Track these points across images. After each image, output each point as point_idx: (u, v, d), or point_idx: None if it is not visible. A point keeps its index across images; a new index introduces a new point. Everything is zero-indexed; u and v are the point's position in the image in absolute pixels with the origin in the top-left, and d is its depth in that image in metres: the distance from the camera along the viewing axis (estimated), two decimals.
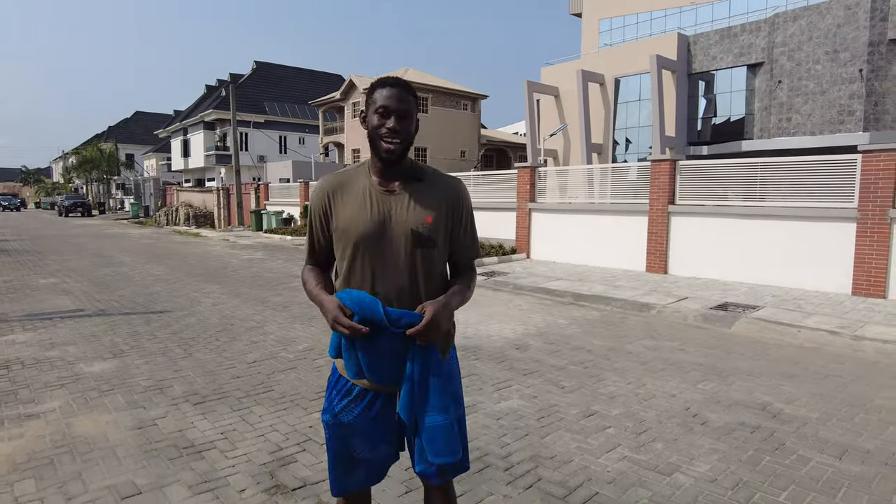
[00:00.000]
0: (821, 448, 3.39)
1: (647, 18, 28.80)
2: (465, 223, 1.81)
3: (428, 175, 1.77)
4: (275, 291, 8.87)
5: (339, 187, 1.75)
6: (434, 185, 1.76)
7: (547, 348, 5.63)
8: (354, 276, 1.71)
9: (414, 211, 1.69)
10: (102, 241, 18.61)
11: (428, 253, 1.71)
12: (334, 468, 1.84)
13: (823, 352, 5.62)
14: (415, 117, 1.70)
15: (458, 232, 1.79)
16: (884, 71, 19.73)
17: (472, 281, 1.84)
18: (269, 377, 4.68)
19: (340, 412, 1.79)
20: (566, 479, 2.98)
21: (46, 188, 72.79)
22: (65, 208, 41.51)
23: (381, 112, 1.65)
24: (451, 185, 1.79)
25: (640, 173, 11.30)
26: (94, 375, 4.71)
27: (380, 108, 1.65)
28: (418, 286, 1.70)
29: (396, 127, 1.64)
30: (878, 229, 7.83)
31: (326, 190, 1.76)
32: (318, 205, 1.77)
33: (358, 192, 1.72)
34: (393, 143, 1.65)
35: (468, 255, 1.84)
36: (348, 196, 1.72)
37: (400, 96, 1.65)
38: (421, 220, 1.69)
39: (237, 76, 48.82)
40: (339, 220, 1.71)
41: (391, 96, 1.65)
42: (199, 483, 2.94)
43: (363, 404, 1.77)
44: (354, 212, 1.69)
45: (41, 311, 7.34)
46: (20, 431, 3.59)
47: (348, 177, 1.77)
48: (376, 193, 1.71)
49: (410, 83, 1.73)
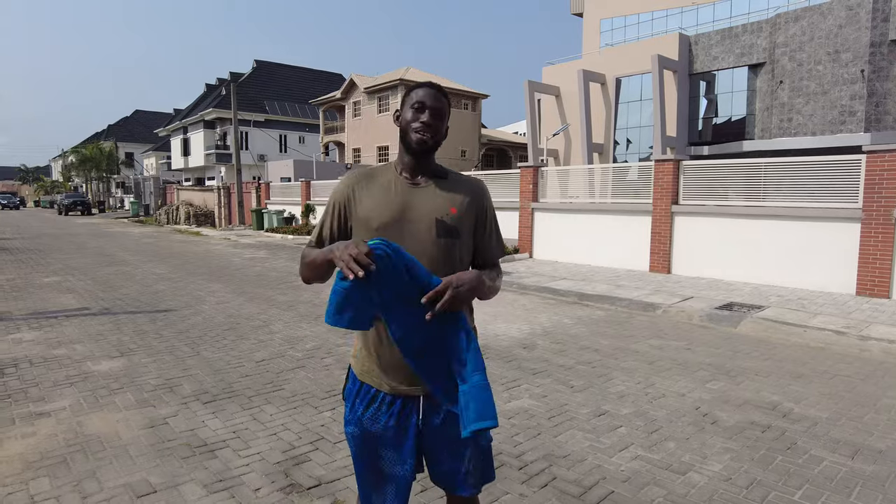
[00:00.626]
0: (833, 448, 3.39)
1: (648, 18, 28.82)
2: (490, 222, 1.81)
3: (452, 174, 1.80)
4: (279, 290, 8.87)
5: (366, 179, 1.75)
6: (458, 182, 1.78)
7: (554, 348, 5.63)
8: None
9: (438, 201, 1.70)
10: (103, 240, 18.59)
11: (451, 244, 1.69)
12: (364, 484, 1.75)
13: (830, 352, 5.63)
14: (446, 120, 1.72)
15: (482, 231, 1.79)
16: (885, 71, 19.76)
17: (499, 276, 1.83)
18: (278, 376, 4.68)
19: (367, 422, 1.71)
20: (581, 478, 2.99)
21: (46, 187, 72.72)
22: (64, 207, 41.47)
23: (417, 107, 1.68)
24: (475, 183, 1.81)
25: (641, 173, 11.31)
26: (102, 374, 4.71)
27: (416, 103, 1.68)
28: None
29: (430, 121, 1.67)
30: (883, 230, 7.83)
31: (352, 182, 1.76)
32: (342, 194, 1.75)
33: (383, 185, 1.73)
34: (424, 135, 1.67)
35: (493, 255, 1.84)
36: (373, 188, 1.73)
37: (436, 96, 1.70)
38: (445, 209, 1.70)
39: (237, 75, 48.80)
40: (361, 210, 1.71)
41: (428, 94, 1.69)
42: (214, 482, 2.94)
43: (390, 412, 1.70)
44: (377, 201, 1.70)
45: (46, 309, 7.33)
46: (32, 430, 3.59)
47: (376, 171, 1.78)
48: (401, 185, 1.72)
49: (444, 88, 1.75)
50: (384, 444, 1.71)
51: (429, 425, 1.71)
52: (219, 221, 27.34)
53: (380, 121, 35.99)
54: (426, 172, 1.74)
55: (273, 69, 50.76)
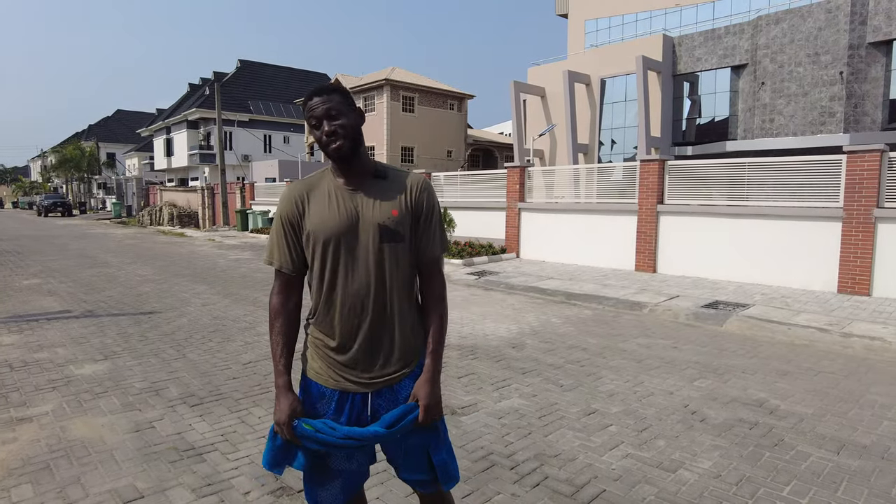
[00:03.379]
0: (819, 443, 3.44)
1: (632, 20, 29.06)
2: (431, 215, 1.77)
3: (392, 172, 1.78)
4: (265, 292, 8.78)
5: (307, 190, 1.74)
6: (398, 180, 1.76)
7: (543, 347, 5.64)
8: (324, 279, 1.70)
9: (380, 206, 1.70)
10: (85, 242, 18.29)
11: (394, 248, 1.70)
12: (310, 480, 1.79)
13: (814, 349, 5.71)
14: (349, 112, 1.68)
15: (423, 225, 1.76)
16: (863, 73, 20.12)
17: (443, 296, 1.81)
18: (265, 378, 4.62)
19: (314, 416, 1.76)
20: (572, 477, 2.99)
21: (24, 187, 71.33)
22: (44, 208, 40.71)
23: (315, 123, 1.67)
24: (414, 179, 1.78)
25: (626, 173, 11.39)
26: (86, 378, 4.62)
27: (311, 119, 1.67)
28: (385, 285, 1.70)
29: (331, 129, 1.65)
30: (863, 228, 7.97)
31: (295, 196, 1.73)
32: (288, 210, 1.73)
33: (324, 194, 1.72)
34: (336, 142, 1.65)
35: (433, 252, 1.78)
36: (316, 199, 1.72)
37: (323, 101, 1.66)
38: (387, 213, 1.70)
39: (221, 74, 48.30)
40: (309, 223, 1.70)
41: (314, 106, 1.66)
42: (203, 486, 2.90)
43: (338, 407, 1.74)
44: (323, 213, 1.69)
45: (26, 312, 7.19)
46: (13, 435, 3.51)
47: (313, 182, 1.76)
48: (342, 192, 1.71)
49: (329, 84, 1.72)
50: None
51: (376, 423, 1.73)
52: (203, 222, 27.04)
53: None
54: (364, 174, 1.73)
55: (257, 69, 50.32)
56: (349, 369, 1.73)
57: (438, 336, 1.78)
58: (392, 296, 1.71)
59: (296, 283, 1.77)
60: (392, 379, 1.75)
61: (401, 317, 1.74)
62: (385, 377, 1.75)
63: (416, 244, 1.76)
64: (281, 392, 1.73)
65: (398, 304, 1.73)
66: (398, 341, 1.75)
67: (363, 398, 1.75)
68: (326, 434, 1.65)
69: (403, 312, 1.75)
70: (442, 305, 1.81)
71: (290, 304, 1.78)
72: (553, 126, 26.11)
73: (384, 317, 1.72)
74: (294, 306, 1.79)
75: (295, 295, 1.79)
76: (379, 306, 1.70)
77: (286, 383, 1.74)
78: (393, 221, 1.69)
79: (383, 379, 1.75)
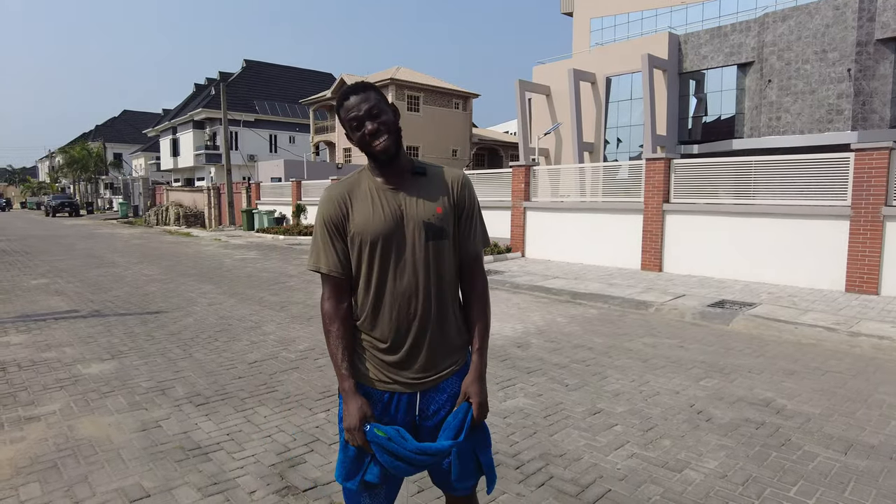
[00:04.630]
0: (826, 443, 3.42)
1: (637, 18, 28.95)
2: (472, 211, 1.79)
3: (430, 168, 1.77)
4: (271, 291, 8.81)
5: (349, 193, 1.71)
6: (438, 177, 1.75)
7: (548, 346, 5.64)
8: (371, 280, 1.68)
9: (424, 204, 1.69)
10: (92, 242, 18.40)
11: (440, 246, 1.69)
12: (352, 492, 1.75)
13: (821, 348, 5.67)
14: (388, 109, 1.68)
15: (465, 221, 1.77)
16: (871, 70, 19.97)
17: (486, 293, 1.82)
18: (271, 377, 4.64)
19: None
20: (578, 477, 2.99)
21: (32, 188, 71.84)
22: (52, 208, 41.00)
23: (355, 126, 1.65)
24: (454, 175, 1.78)
25: (632, 172, 11.35)
26: (93, 377, 4.65)
27: (350, 122, 1.65)
28: (432, 283, 1.69)
29: (375, 127, 1.63)
30: (871, 227, 7.91)
31: (337, 198, 1.71)
32: (332, 213, 1.70)
33: (366, 195, 1.70)
34: (381, 142, 1.64)
35: (476, 248, 1.79)
36: (358, 200, 1.70)
37: (361, 100, 1.64)
38: (432, 211, 1.68)
39: (227, 75, 48.51)
40: (354, 225, 1.68)
41: (353, 106, 1.64)
42: (209, 485, 2.91)
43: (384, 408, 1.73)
44: (367, 214, 1.67)
45: (34, 312, 7.24)
46: (21, 434, 3.53)
47: (353, 182, 1.74)
48: (384, 192, 1.69)
49: (362, 82, 1.71)
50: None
51: (426, 422, 1.73)
52: (209, 222, 27.15)
53: None
54: (403, 172, 1.72)
55: (263, 69, 50.50)
56: (399, 370, 1.71)
57: (483, 332, 1.77)
58: (439, 294, 1.70)
59: (345, 286, 1.73)
60: (440, 377, 1.74)
61: (448, 315, 1.73)
62: (434, 376, 1.73)
63: (459, 241, 1.76)
64: (349, 396, 1.67)
65: (445, 302, 1.72)
66: (446, 340, 1.73)
67: (410, 398, 1.73)
68: (398, 444, 1.61)
69: (450, 310, 1.74)
70: (486, 302, 1.79)
71: (344, 307, 1.73)
72: (558, 125, 26.06)
73: (432, 316, 1.70)
74: (347, 308, 1.74)
75: (346, 298, 1.74)
76: (427, 305, 1.68)
77: (352, 387, 1.69)
78: (438, 219, 1.68)
79: (432, 378, 1.73)
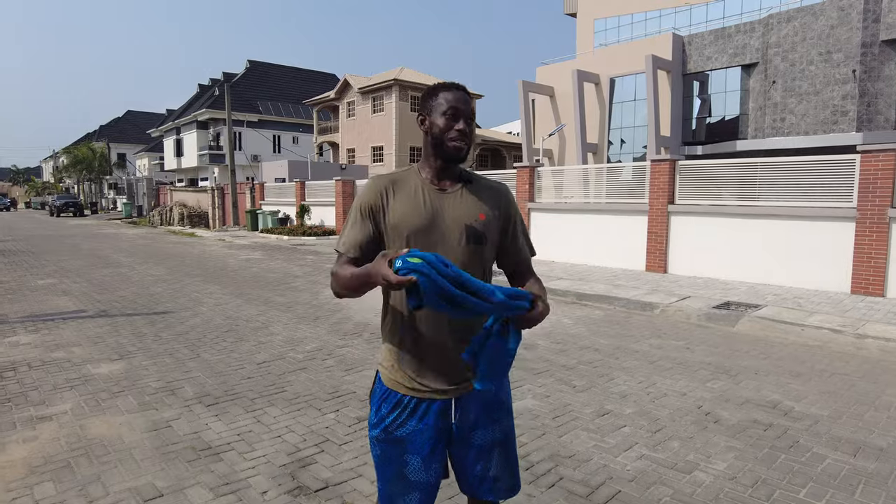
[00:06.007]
0: (835, 445, 3.42)
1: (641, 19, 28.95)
2: (518, 225, 1.82)
3: (475, 178, 1.79)
4: (277, 291, 8.84)
5: (393, 184, 1.72)
6: (483, 186, 1.77)
7: (555, 348, 5.65)
8: None
9: (467, 207, 1.70)
10: (97, 242, 18.47)
11: (479, 250, 1.70)
12: (388, 494, 1.70)
13: (827, 350, 5.67)
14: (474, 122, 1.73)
15: (512, 235, 1.79)
16: (876, 72, 19.93)
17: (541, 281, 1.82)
18: (280, 378, 4.66)
19: (392, 425, 1.67)
20: (587, 478, 3.00)
21: (37, 188, 72.11)
22: (56, 208, 41.15)
23: (451, 114, 1.65)
24: (500, 188, 1.81)
25: (636, 173, 11.35)
26: (102, 377, 4.68)
27: (449, 109, 1.65)
28: None
29: (466, 129, 1.66)
30: (877, 228, 7.90)
31: (379, 187, 1.71)
32: (371, 199, 1.69)
33: (410, 190, 1.70)
34: (462, 143, 1.66)
35: (526, 257, 1.83)
36: (401, 193, 1.70)
37: (465, 99, 1.67)
38: (474, 215, 1.69)
39: (230, 75, 48.62)
40: (392, 217, 1.68)
41: (459, 99, 1.66)
42: (221, 485, 2.93)
43: (417, 416, 1.67)
44: (408, 208, 1.67)
45: (42, 312, 7.28)
46: (34, 434, 3.56)
47: (399, 177, 1.76)
48: (429, 191, 1.70)
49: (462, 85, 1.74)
50: (410, 450, 1.67)
51: (461, 428, 1.71)
52: (213, 222, 27.22)
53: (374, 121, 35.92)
54: (453, 177, 1.73)
55: (266, 69, 50.59)
56: (433, 375, 1.67)
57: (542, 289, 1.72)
58: None
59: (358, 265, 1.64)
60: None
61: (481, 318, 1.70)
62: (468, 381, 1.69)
63: (508, 251, 1.79)
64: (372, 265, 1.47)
65: None
66: None
67: (443, 405, 1.69)
68: (436, 266, 1.33)
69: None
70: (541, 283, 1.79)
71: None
72: (562, 126, 26.06)
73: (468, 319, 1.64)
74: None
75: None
76: None
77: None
78: (480, 224, 1.69)
79: (466, 382, 1.70)
